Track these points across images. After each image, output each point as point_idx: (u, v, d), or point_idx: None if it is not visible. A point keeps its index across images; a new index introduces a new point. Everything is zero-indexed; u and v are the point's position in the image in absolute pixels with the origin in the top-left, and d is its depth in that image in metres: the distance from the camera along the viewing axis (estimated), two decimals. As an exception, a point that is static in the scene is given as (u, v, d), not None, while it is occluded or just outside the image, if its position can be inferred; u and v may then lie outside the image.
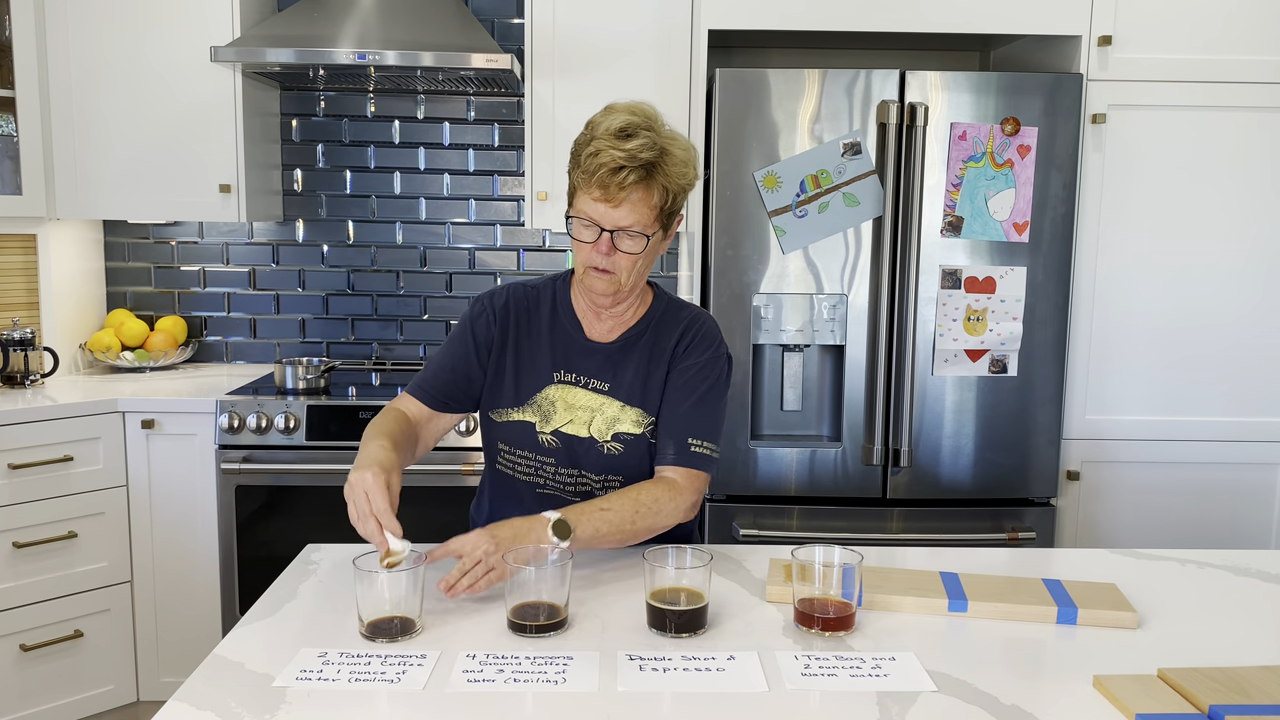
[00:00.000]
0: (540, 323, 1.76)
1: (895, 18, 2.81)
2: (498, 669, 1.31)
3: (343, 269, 3.55)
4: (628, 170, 1.56)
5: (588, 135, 1.62)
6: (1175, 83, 2.81)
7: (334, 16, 3.02)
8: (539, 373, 1.74)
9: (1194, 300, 2.90)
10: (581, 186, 1.61)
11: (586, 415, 1.73)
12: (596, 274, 1.64)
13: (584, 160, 1.59)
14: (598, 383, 1.73)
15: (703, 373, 1.72)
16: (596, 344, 1.74)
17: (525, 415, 1.74)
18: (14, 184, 3.06)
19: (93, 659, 2.89)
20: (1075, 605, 1.49)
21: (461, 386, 1.77)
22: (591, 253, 1.62)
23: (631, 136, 1.57)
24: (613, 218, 1.60)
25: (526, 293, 1.78)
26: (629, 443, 1.72)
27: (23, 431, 2.72)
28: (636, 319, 1.76)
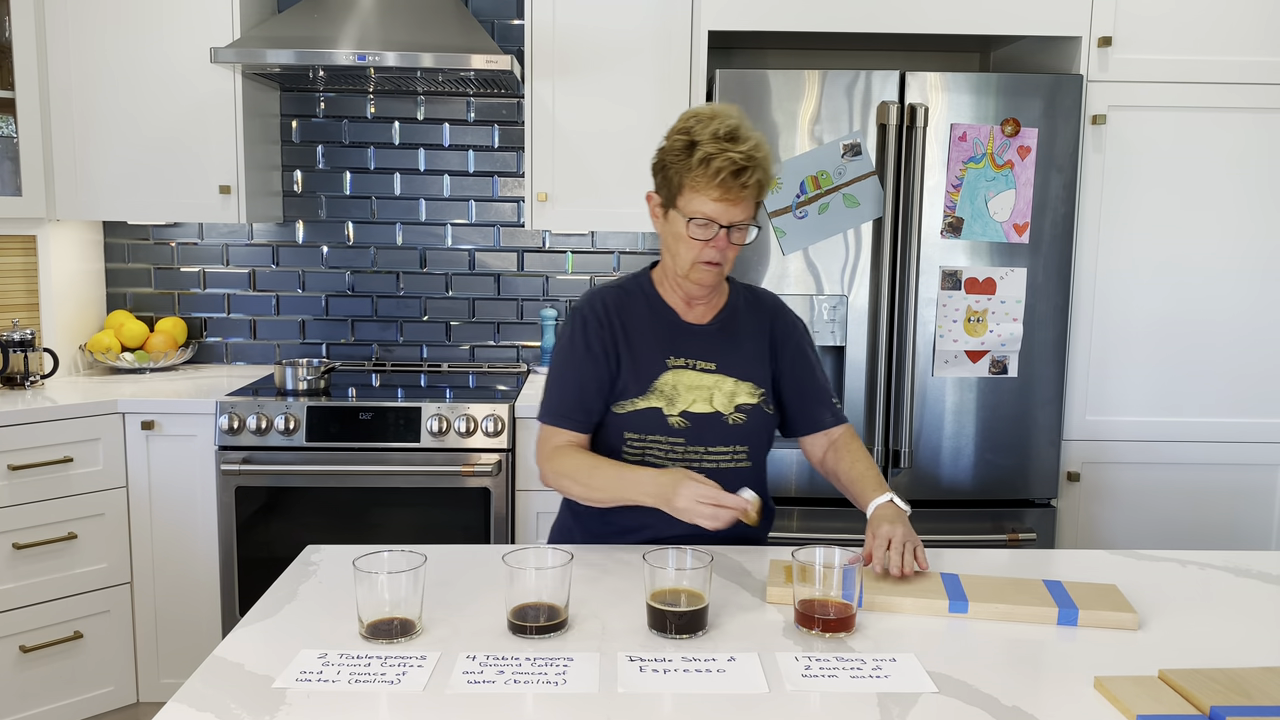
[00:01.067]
0: (640, 316, 1.86)
1: (895, 18, 2.81)
2: (498, 670, 1.31)
3: (342, 270, 3.55)
4: (750, 170, 1.68)
5: (686, 140, 1.71)
6: (1175, 84, 2.81)
7: (334, 17, 3.02)
8: (654, 361, 1.83)
9: (1194, 301, 2.90)
10: (697, 189, 1.70)
11: (705, 394, 1.83)
12: (707, 267, 1.75)
13: (696, 165, 1.68)
14: (704, 363, 1.84)
15: (808, 343, 1.95)
16: (698, 326, 1.86)
17: (650, 402, 1.82)
18: (14, 185, 3.06)
19: (93, 660, 2.89)
20: (1076, 606, 1.49)
21: (598, 400, 1.84)
22: (705, 249, 1.73)
23: (741, 139, 1.69)
24: (730, 214, 1.71)
25: (616, 293, 1.88)
26: (749, 412, 1.85)
27: (23, 433, 2.72)
28: (724, 302, 1.90)
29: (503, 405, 2.91)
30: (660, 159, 1.77)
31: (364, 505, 2.90)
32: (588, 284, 3.56)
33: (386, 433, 2.88)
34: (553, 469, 1.81)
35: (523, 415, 2.91)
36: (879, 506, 1.73)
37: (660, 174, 1.77)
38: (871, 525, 1.70)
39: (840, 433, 1.94)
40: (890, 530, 1.65)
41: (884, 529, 1.66)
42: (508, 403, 2.92)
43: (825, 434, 1.94)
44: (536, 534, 2.95)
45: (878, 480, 1.82)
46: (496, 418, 2.88)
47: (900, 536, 1.64)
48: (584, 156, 3.12)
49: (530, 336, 3.58)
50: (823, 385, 1.95)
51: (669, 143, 1.75)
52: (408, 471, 2.87)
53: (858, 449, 1.91)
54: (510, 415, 2.90)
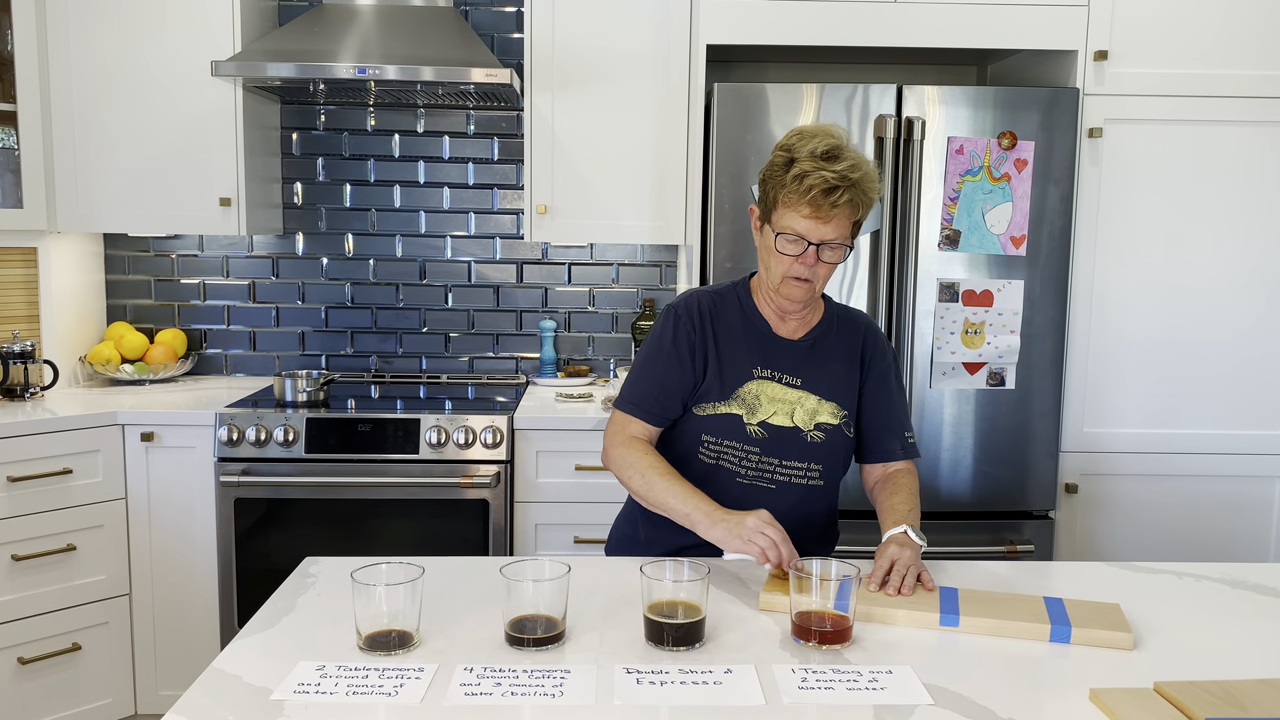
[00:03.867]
0: (733, 323, 1.88)
1: (892, 32, 2.83)
2: (495, 682, 1.31)
3: (342, 282, 3.56)
4: (842, 190, 1.69)
5: (786, 156, 1.73)
6: (1171, 97, 2.83)
7: (334, 31, 3.04)
8: (741, 369, 1.85)
9: (1191, 313, 2.91)
10: (789, 205, 1.72)
11: (788, 408, 1.85)
12: (797, 283, 1.77)
13: (790, 181, 1.70)
14: (791, 378, 1.86)
15: (894, 372, 1.95)
16: (789, 341, 1.88)
17: (732, 408, 1.84)
18: (15, 197, 3.07)
19: (91, 672, 2.89)
20: (1070, 624, 1.49)
21: (677, 398, 1.86)
22: (794, 265, 1.75)
23: (837, 159, 1.70)
24: (820, 232, 1.72)
25: (713, 297, 1.90)
26: (829, 432, 1.86)
27: (22, 444, 2.73)
28: (817, 319, 1.90)
29: (501, 417, 2.91)
30: (763, 174, 1.79)
31: (362, 517, 2.90)
32: (587, 296, 3.57)
33: (385, 444, 2.88)
34: (620, 456, 1.82)
35: (521, 427, 2.92)
36: (892, 535, 1.74)
37: (761, 188, 1.80)
38: (880, 549, 1.71)
39: (899, 466, 1.93)
40: (896, 553, 1.66)
41: (890, 550, 1.67)
42: (506, 414, 2.93)
43: (886, 467, 1.94)
44: (535, 546, 2.95)
45: (907, 513, 1.80)
46: (495, 429, 2.89)
47: (905, 560, 1.65)
48: (583, 169, 3.13)
49: (529, 348, 3.59)
50: (899, 417, 1.93)
51: (772, 158, 1.77)
52: (406, 483, 2.87)
53: (907, 483, 1.89)
54: (509, 427, 2.90)
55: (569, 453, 2.93)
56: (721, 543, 1.65)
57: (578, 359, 3.61)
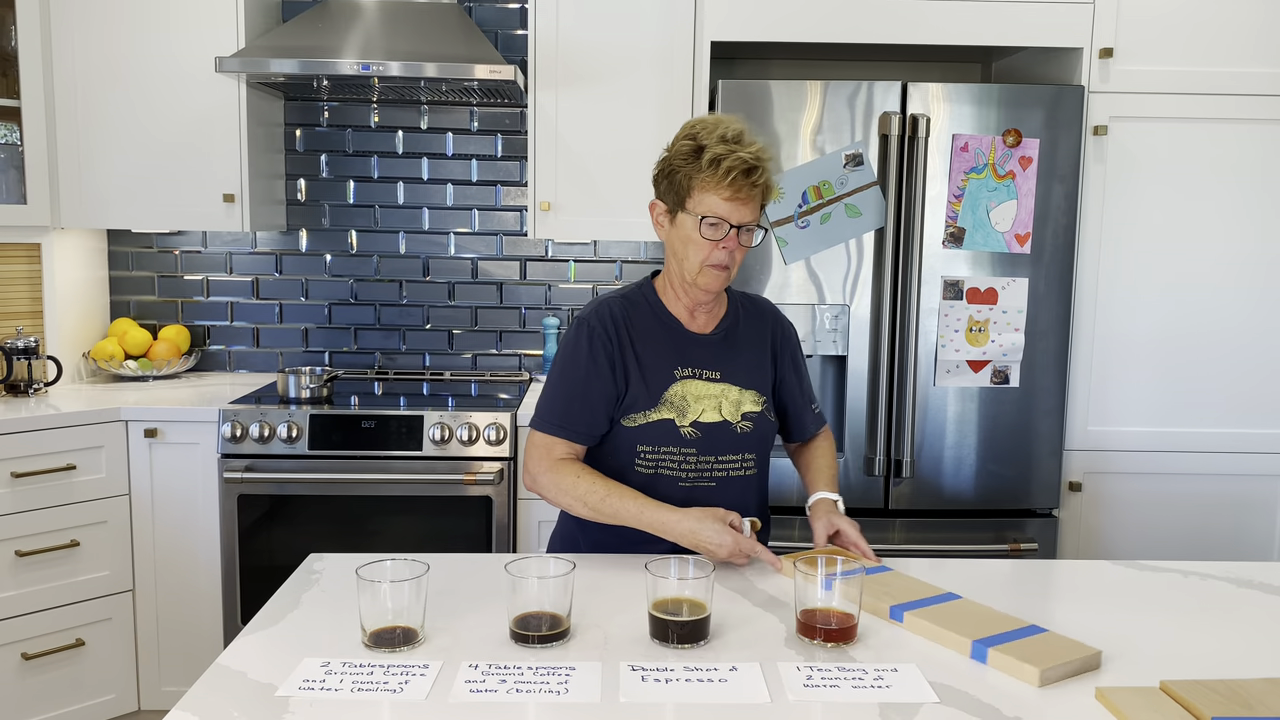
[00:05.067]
0: (647, 326, 1.87)
1: (897, 30, 2.82)
2: (500, 679, 1.31)
3: (345, 278, 3.56)
4: (760, 170, 1.72)
5: (692, 145, 1.74)
6: (1177, 95, 2.82)
7: (338, 27, 3.03)
8: (663, 372, 1.84)
9: (1196, 311, 2.91)
10: (707, 189, 1.72)
11: (714, 402, 1.85)
12: (716, 271, 1.77)
13: (706, 166, 1.71)
14: (710, 372, 1.86)
15: (798, 349, 2.01)
16: (702, 336, 1.88)
17: (661, 414, 1.83)
18: (19, 193, 3.07)
19: (94, 668, 2.89)
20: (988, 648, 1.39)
21: (602, 414, 1.83)
22: (715, 251, 1.75)
23: (747, 141, 1.73)
24: (739, 214, 1.73)
25: (622, 303, 1.88)
26: (755, 420, 1.88)
27: (26, 440, 2.73)
28: (724, 310, 1.92)
29: (505, 414, 2.91)
30: (665, 165, 1.78)
31: (366, 513, 2.90)
32: (590, 292, 3.56)
33: (389, 441, 2.89)
34: (554, 483, 1.79)
35: (525, 424, 2.91)
36: (821, 499, 1.89)
37: (666, 180, 1.79)
38: (821, 514, 1.86)
39: (815, 434, 2.05)
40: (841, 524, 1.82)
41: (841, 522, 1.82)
42: (510, 411, 2.93)
43: (807, 441, 2.06)
44: (538, 542, 2.95)
45: (831, 478, 1.96)
46: (498, 426, 2.89)
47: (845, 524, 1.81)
48: (587, 166, 3.13)
49: (532, 345, 3.59)
50: (808, 393, 2.03)
51: (674, 148, 1.77)
52: (410, 480, 2.87)
53: (825, 447, 2.04)
54: (512, 423, 2.90)
55: (572, 450, 2.93)
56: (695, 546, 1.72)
57: (581, 356, 3.60)
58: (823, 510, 1.86)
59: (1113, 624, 1.55)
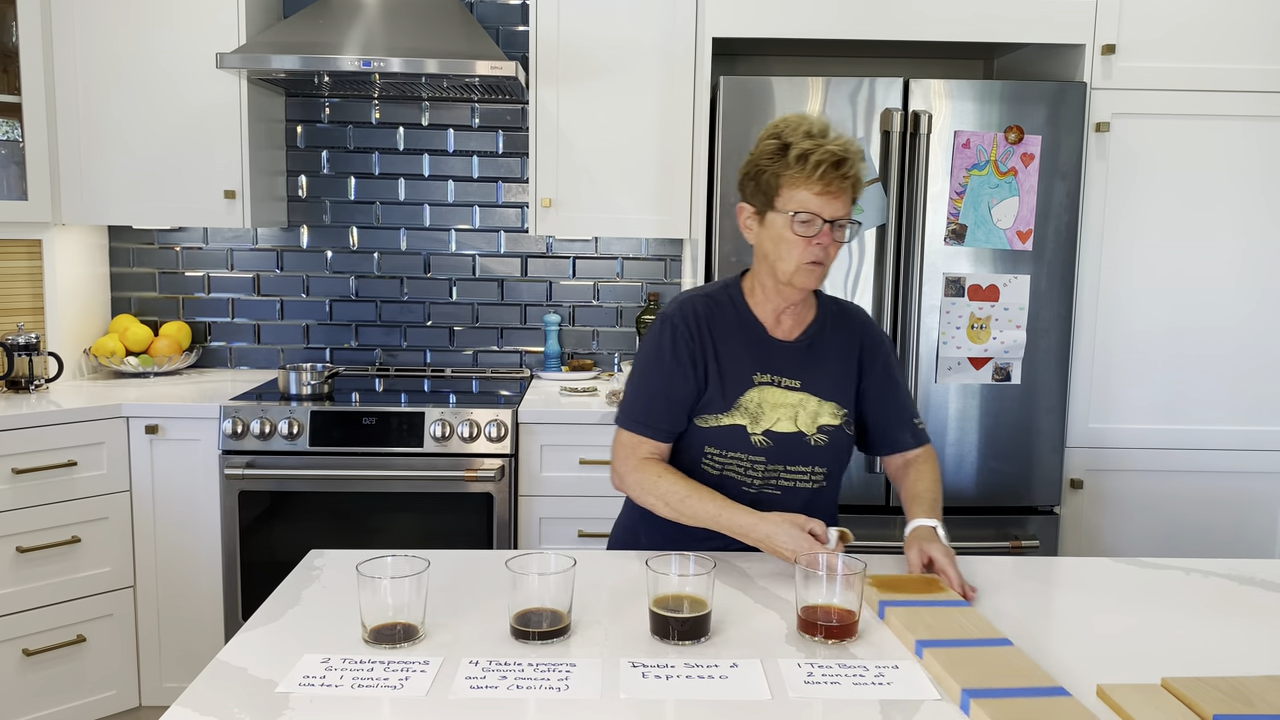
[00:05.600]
0: (729, 328, 1.83)
1: (899, 26, 2.82)
2: (500, 675, 1.31)
3: (346, 275, 3.56)
4: (850, 161, 1.68)
5: (777, 143, 1.71)
6: (1179, 91, 2.82)
7: (339, 23, 3.03)
8: (741, 376, 1.81)
9: (1198, 308, 2.90)
10: (796, 185, 1.69)
11: (790, 412, 1.81)
12: (810, 268, 1.73)
13: (794, 162, 1.68)
14: (790, 380, 1.82)
15: (893, 360, 1.92)
16: (786, 343, 1.84)
17: (735, 419, 1.80)
18: (20, 189, 3.07)
19: (95, 664, 2.89)
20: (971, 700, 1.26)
21: (683, 412, 1.81)
22: (809, 247, 1.71)
23: (834, 135, 1.70)
24: (832, 208, 1.70)
25: (706, 302, 1.84)
26: (831, 434, 1.83)
27: (27, 436, 2.73)
28: (811, 317, 1.87)
29: (506, 410, 2.91)
30: (751, 167, 1.75)
31: (367, 510, 2.90)
32: (592, 290, 3.56)
33: (390, 438, 2.88)
34: (639, 483, 1.79)
35: (525, 421, 2.91)
36: (920, 526, 1.75)
37: (753, 181, 1.75)
38: (915, 540, 1.72)
39: (916, 454, 1.92)
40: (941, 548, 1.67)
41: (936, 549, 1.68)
42: (511, 408, 2.92)
43: (903, 456, 1.93)
44: (539, 539, 2.95)
45: (932, 505, 1.80)
46: (499, 423, 2.89)
47: (949, 565, 1.65)
48: (588, 162, 3.12)
49: (533, 342, 3.59)
50: (905, 405, 1.92)
51: (759, 149, 1.74)
52: (411, 476, 2.87)
53: (928, 469, 1.89)
54: (513, 420, 2.90)
55: (573, 446, 2.93)
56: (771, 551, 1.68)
57: (582, 353, 3.60)
58: (918, 538, 1.73)
59: (1114, 621, 1.55)
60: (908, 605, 1.51)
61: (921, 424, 1.93)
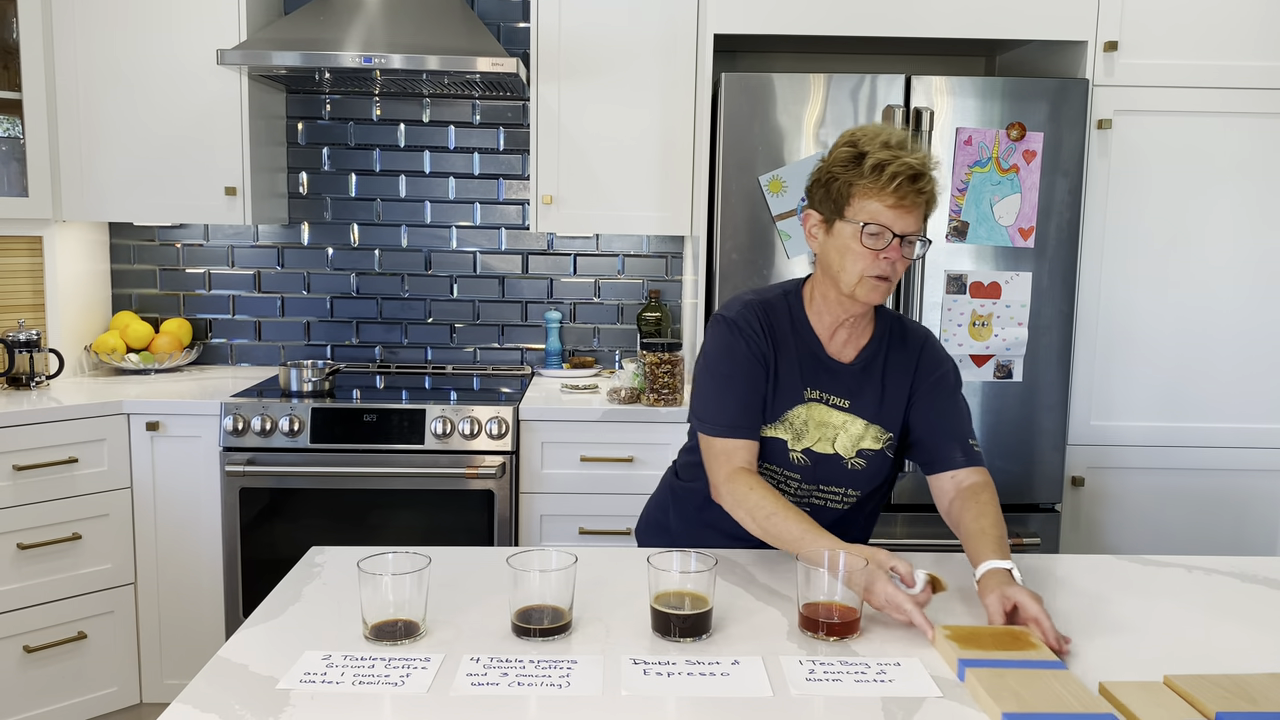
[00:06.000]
0: (785, 339, 1.78)
1: (901, 23, 2.81)
2: (502, 672, 1.31)
3: (347, 272, 3.55)
4: (925, 178, 1.64)
5: (853, 151, 1.65)
6: (1182, 88, 2.81)
7: (340, 20, 3.02)
8: (791, 391, 1.77)
9: (1199, 306, 2.90)
10: (869, 195, 1.64)
11: (831, 433, 1.78)
12: (875, 282, 1.68)
13: (869, 172, 1.63)
14: (839, 399, 1.78)
15: (950, 378, 1.83)
16: (840, 364, 1.79)
17: (777, 432, 1.77)
18: (20, 186, 3.06)
19: (96, 661, 2.89)
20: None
21: (760, 411, 1.77)
22: (875, 261, 1.66)
23: (912, 149, 1.65)
24: (903, 223, 1.65)
25: (766, 308, 1.80)
26: (870, 458, 1.79)
27: (28, 433, 2.73)
28: (870, 334, 1.82)
29: (507, 408, 2.91)
30: (822, 173, 1.70)
31: (367, 507, 2.90)
32: (593, 287, 3.56)
33: (390, 435, 2.88)
34: (731, 494, 1.70)
35: (526, 418, 2.91)
36: (993, 570, 1.54)
37: (823, 188, 1.69)
38: (993, 587, 1.50)
39: (971, 480, 1.77)
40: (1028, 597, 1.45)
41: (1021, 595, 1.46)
42: (512, 405, 2.92)
43: (952, 477, 1.78)
44: (540, 537, 2.95)
45: (999, 542, 1.61)
46: (500, 420, 2.88)
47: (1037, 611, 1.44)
48: (589, 159, 3.12)
49: (534, 339, 3.59)
50: (957, 424, 1.79)
51: (832, 155, 1.69)
52: (411, 473, 2.87)
53: (987, 500, 1.72)
54: (514, 417, 2.90)
55: (574, 444, 2.93)
56: None
57: (583, 350, 3.60)
58: (994, 583, 1.51)
59: (1117, 618, 1.54)
60: (992, 666, 1.31)
61: (976, 446, 1.80)
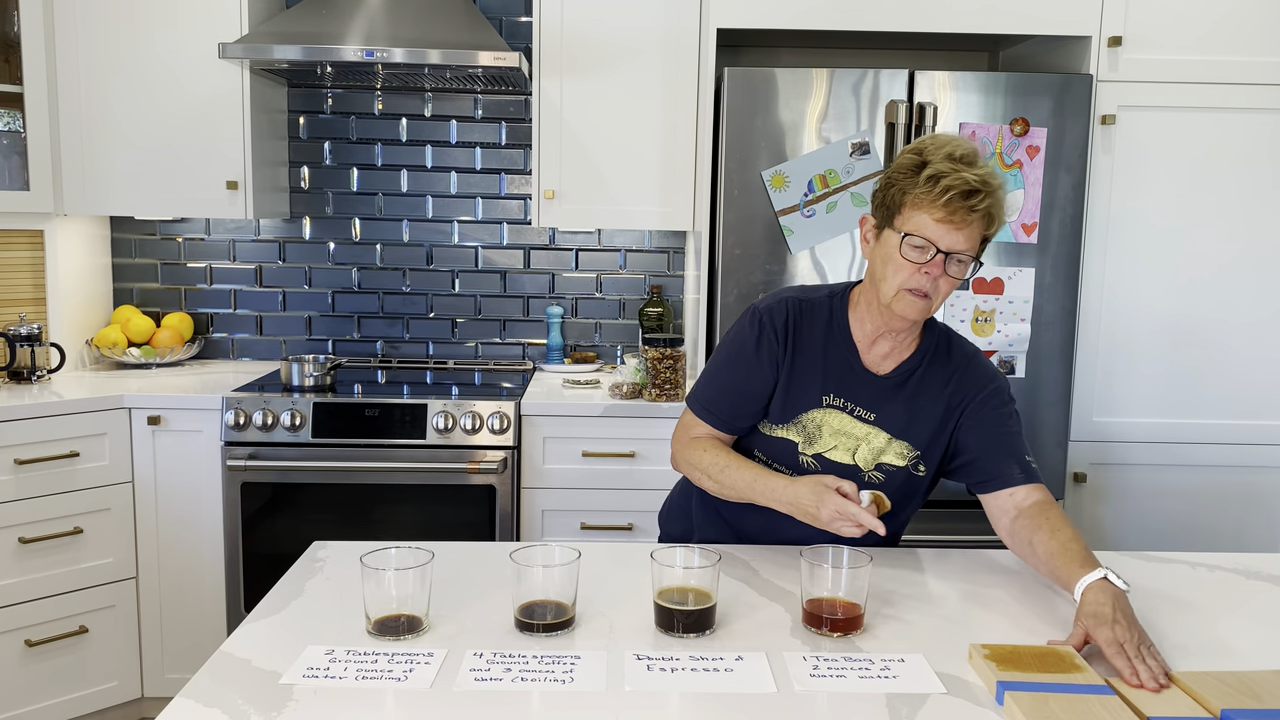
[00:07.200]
0: (814, 341, 1.75)
1: (904, 17, 2.80)
2: (505, 668, 1.31)
3: (349, 266, 3.55)
4: (983, 195, 1.57)
5: (917, 159, 1.61)
6: (1186, 84, 2.80)
7: (342, 13, 3.02)
8: (808, 393, 1.74)
9: (1203, 302, 2.89)
10: (919, 207, 1.59)
11: (852, 443, 1.74)
12: (913, 297, 1.62)
13: (923, 182, 1.58)
14: (865, 411, 1.74)
15: (1000, 395, 1.75)
16: (873, 375, 1.74)
17: (789, 434, 1.75)
18: (22, 180, 3.06)
19: (98, 655, 2.89)
20: None
21: (750, 406, 1.77)
22: (916, 274, 1.61)
23: (974, 164, 1.59)
24: (950, 240, 1.59)
25: (802, 308, 1.77)
26: (890, 474, 1.75)
27: (29, 427, 2.72)
28: (913, 349, 1.76)
29: (508, 403, 2.90)
30: (884, 179, 1.67)
31: (369, 502, 2.90)
32: (595, 282, 3.55)
33: (392, 429, 2.88)
34: (685, 458, 1.79)
35: (528, 413, 2.91)
36: (1090, 588, 1.44)
37: (881, 194, 1.66)
38: (1082, 616, 1.41)
39: (1033, 499, 1.69)
40: (1111, 633, 1.34)
41: (1104, 633, 1.35)
42: (513, 400, 2.92)
43: (1011, 495, 1.70)
44: (541, 532, 2.95)
45: (1084, 554, 1.53)
46: (502, 415, 2.88)
47: (1126, 637, 1.34)
48: (592, 154, 3.11)
49: (536, 334, 3.58)
50: (1011, 442, 1.72)
51: (898, 161, 1.65)
52: (413, 468, 2.86)
53: (1057, 516, 1.63)
54: (516, 412, 2.90)
55: (576, 439, 2.92)
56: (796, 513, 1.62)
57: (585, 345, 3.59)
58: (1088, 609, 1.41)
59: (1120, 615, 1.54)
60: (1033, 689, 1.23)
61: (1034, 463, 1.73)
